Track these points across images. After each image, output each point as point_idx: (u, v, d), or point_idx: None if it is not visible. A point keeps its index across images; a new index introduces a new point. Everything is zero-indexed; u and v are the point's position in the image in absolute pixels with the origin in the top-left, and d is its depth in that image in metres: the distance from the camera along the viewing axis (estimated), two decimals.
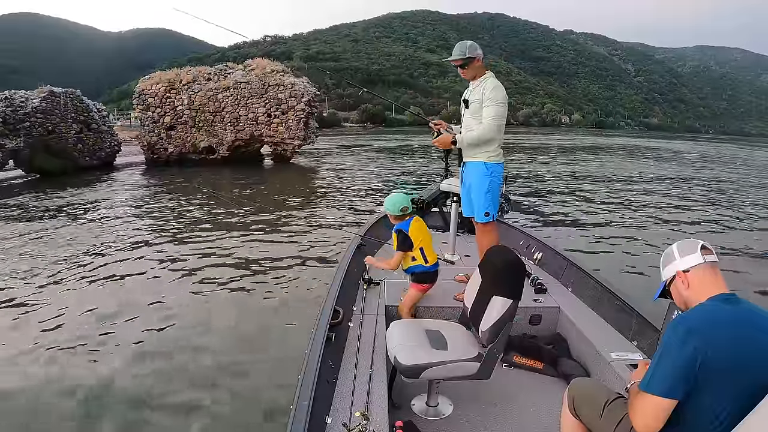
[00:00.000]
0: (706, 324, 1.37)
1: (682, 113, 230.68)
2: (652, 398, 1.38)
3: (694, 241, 1.56)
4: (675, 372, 1.35)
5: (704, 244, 1.54)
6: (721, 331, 1.35)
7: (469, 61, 3.22)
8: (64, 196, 11.33)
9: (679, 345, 1.35)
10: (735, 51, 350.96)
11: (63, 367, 3.70)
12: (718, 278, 1.50)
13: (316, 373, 2.05)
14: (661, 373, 1.38)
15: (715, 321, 1.38)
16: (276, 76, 18.54)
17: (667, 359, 1.38)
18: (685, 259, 1.54)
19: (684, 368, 1.33)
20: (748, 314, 1.40)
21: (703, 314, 1.42)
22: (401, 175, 16.24)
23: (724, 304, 1.42)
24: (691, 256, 1.53)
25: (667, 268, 1.60)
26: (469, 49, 3.20)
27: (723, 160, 28.81)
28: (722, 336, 1.34)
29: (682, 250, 1.56)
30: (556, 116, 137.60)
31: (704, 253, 1.51)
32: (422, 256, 3.05)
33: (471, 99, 3.29)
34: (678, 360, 1.35)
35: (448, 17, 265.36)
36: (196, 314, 4.69)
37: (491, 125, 3.15)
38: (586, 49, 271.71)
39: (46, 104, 15.12)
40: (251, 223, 8.54)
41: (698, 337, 1.34)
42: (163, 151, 18.45)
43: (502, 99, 3.16)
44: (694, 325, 1.38)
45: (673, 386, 1.35)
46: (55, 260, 6.27)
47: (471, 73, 3.28)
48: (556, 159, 24.89)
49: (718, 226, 9.52)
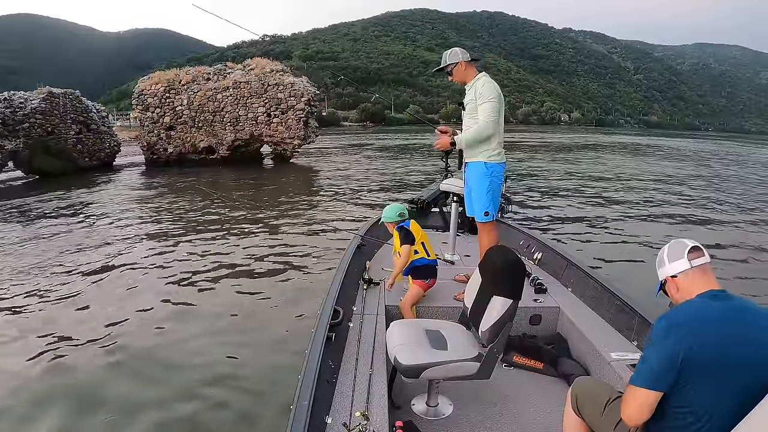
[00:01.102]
0: (689, 320, 1.41)
1: (681, 111, 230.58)
2: (638, 390, 1.43)
3: (683, 244, 1.59)
4: (658, 365, 1.40)
5: (693, 246, 1.56)
6: (707, 327, 1.38)
7: (451, 67, 3.34)
8: (63, 197, 11.32)
9: (661, 339, 1.40)
10: (734, 48, 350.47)
11: (60, 366, 3.70)
12: (708, 277, 1.53)
13: (316, 373, 2.05)
14: (646, 366, 1.43)
15: (701, 317, 1.41)
16: (275, 76, 18.53)
17: (651, 353, 1.42)
18: (673, 265, 1.58)
19: (666, 362, 1.37)
20: (737, 310, 1.42)
21: (688, 310, 1.45)
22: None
23: (712, 301, 1.45)
24: (678, 262, 1.57)
25: (660, 271, 1.65)
26: (449, 57, 3.35)
27: (724, 157, 28.79)
28: (708, 332, 1.37)
29: (670, 255, 1.60)
30: (556, 114, 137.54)
31: (692, 258, 1.54)
32: (424, 249, 3.22)
33: (466, 101, 3.36)
34: (660, 354, 1.39)
35: (447, 16, 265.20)
36: (194, 314, 4.69)
37: (485, 122, 3.19)
38: (585, 47, 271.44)
39: (45, 105, 15.11)
40: (251, 223, 8.54)
41: (680, 332, 1.38)
42: (163, 151, 18.44)
43: (494, 95, 3.20)
44: (677, 320, 1.42)
45: (656, 379, 1.39)
46: (54, 261, 6.27)
47: (459, 77, 3.38)
48: (556, 158, 24.87)
49: (718, 224, 9.52)
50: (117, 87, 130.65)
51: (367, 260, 3.96)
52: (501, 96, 3.25)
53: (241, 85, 18.15)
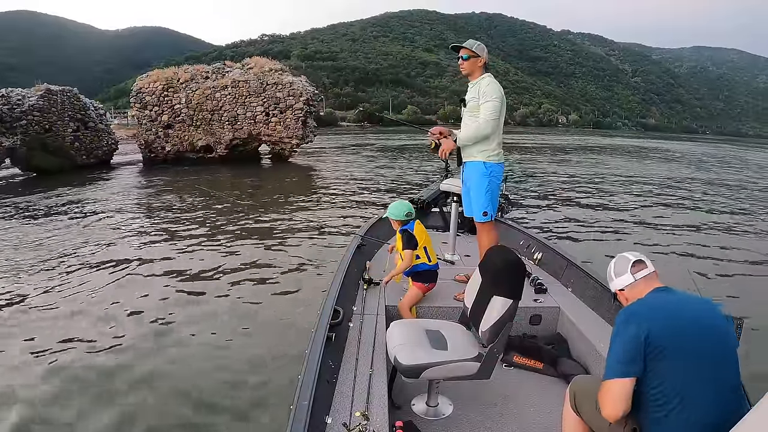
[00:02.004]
0: (644, 307, 1.56)
1: (678, 114, 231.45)
2: (612, 383, 1.51)
3: (626, 259, 1.74)
4: (625, 351, 1.49)
5: (636, 260, 1.71)
6: (660, 312, 1.53)
7: (473, 56, 3.29)
8: (60, 194, 11.27)
9: (623, 328, 1.52)
10: (732, 52, 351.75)
11: (55, 363, 3.68)
12: (651, 283, 1.67)
13: (316, 373, 2.04)
14: (614, 357, 1.52)
15: (654, 305, 1.57)
16: (274, 75, 18.50)
17: (617, 344, 1.53)
18: (619, 280, 1.74)
19: (632, 345, 1.48)
20: (682, 299, 1.60)
21: (642, 302, 1.61)
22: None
23: (660, 293, 1.63)
24: (623, 277, 1.73)
25: (609, 285, 1.82)
26: (477, 48, 3.30)
27: (722, 161, 28.91)
28: (662, 316, 1.51)
29: (616, 272, 1.76)
30: (553, 116, 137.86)
31: (635, 271, 1.69)
32: (426, 255, 3.20)
33: (468, 98, 3.35)
34: (624, 339, 1.50)
35: (445, 17, 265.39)
36: (192, 314, 4.66)
37: (486, 120, 3.19)
38: (583, 49, 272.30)
39: (43, 102, 15.04)
40: (250, 222, 8.52)
41: (638, 317, 1.51)
42: (161, 149, 18.38)
43: (497, 95, 3.19)
44: (633, 309, 1.57)
45: (627, 365, 1.49)
46: (50, 259, 6.23)
47: (469, 68, 3.33)
48: (555, 159, 24.93)
49: (717, 227, 9.54)
50: (115, 85, 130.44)
51: (367, 260, 3.95)
52: (504, 97, 3.25)
53: (239, 84, 18.10)
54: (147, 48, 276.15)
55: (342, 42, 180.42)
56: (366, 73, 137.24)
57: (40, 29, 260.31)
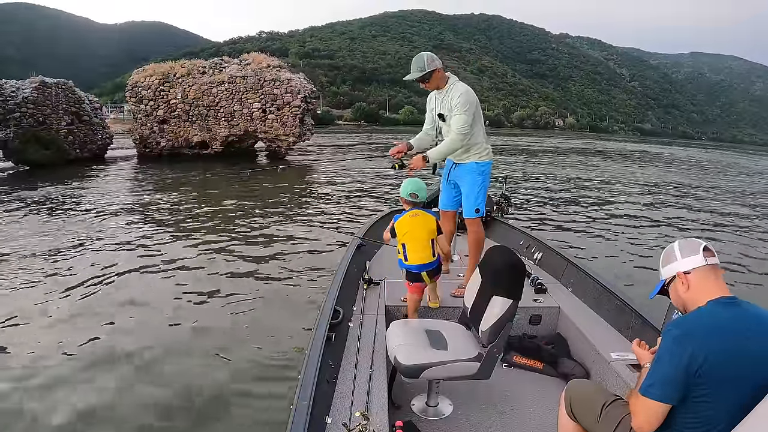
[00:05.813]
0: (703, 329, 1.35)
1: (675, 119, 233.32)
2: (648, 401, 1.39)
3: (696, 241, 1.53)
4: (670, 378, 1.35)
5: (706, 245, 1.51)
6: (719, 337, 1.33)
7: (429, 74, 3.22)
8: (53, 188, 11.14)
9: (674, 351, 1.34)
10: (729, 59, 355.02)
11: (51, 366, 3.61)
12: (719, 281, 1.47)
13: (316, 373, 2.05)
14: (657, 378, 1.38)
15: (714, 326, 1.35)
16: (272, 72, 18.38)
17: (663, 365, 1.37)
18: (686, 260, 1.50)
19: (679, 374, 1.33)
20: (748, 318, 1.37)
21: (701, 319, 1.39)
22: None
23: (724, 308, 1.39)
24: (693, 257, 1.49)
25: (667, 267, 1.56)
26: (427, 63, 3.19)
27: (720, 167, 29.09)
28: (720, 342, 1.32)
29: (683, 251, 1.52)
30: (550, 119, 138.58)
31: (706, 255, 1.48)
32: (404, 251, 2.93)
33: (444, 112, 3.33)
34: (673, 365, 1.34)
35: (444, 17, 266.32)
36: (190, 313, 4.58)
37: (456, 136, 3.23)
38: (581, 52, 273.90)
39: (37, 94, 14.86)
40: (247, 220, 8.45)
41: (694, 342, 1.32)
42: (155, 144, 18.24)
43: (467, 107, 3.19)
44: (689, 329, 1.36)
45: (668, 392, 1.36)
46: (42, 254, 6.14)
47: (434, 84, 3.31)
48: (554, 161, 25.01)
49: (718, 229, 9.59)
50: (112, 79, 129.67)
51: (367, 260, 3.93)
52: (476, 101, 3.27)
53: (236, 80, 17.98)
54: (145, 42, 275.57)
55: (340, 40, 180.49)
56: (364, 72, 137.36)
57: (42, 21, 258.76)
